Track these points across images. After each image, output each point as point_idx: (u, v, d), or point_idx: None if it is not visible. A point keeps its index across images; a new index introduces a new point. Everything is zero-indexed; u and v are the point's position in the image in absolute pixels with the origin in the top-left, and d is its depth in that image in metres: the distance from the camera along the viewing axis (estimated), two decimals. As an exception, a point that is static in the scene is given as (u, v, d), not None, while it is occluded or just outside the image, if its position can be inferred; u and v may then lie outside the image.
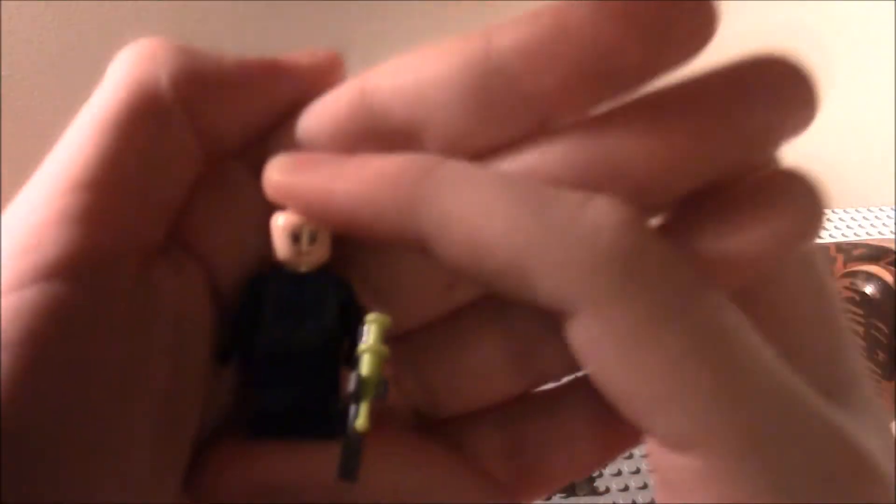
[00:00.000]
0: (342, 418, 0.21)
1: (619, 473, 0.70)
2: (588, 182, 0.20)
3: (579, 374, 0.25)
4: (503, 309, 0.24)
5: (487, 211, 0.20)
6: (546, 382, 0.25)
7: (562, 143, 0.21)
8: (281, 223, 0.22)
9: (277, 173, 0.22)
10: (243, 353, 0.23)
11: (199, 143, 0.22)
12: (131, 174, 0.20)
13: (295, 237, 0.22)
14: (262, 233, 0.23)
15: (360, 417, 0.21)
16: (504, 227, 0.20)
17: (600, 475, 0.70)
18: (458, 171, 0.21)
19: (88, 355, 0.19)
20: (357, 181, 0.21)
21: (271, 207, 0.22)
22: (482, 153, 0.22)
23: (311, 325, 0.23)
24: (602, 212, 0.20)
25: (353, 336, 0.23)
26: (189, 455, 0.22)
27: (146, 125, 0.21)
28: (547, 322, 0.23)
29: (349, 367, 0.23)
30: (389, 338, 0.22)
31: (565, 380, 0.25)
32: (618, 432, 0.25)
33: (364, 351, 0.21)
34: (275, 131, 0.23)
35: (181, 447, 0.21)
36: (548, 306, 0.20)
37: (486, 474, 0.25)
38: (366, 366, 0.21)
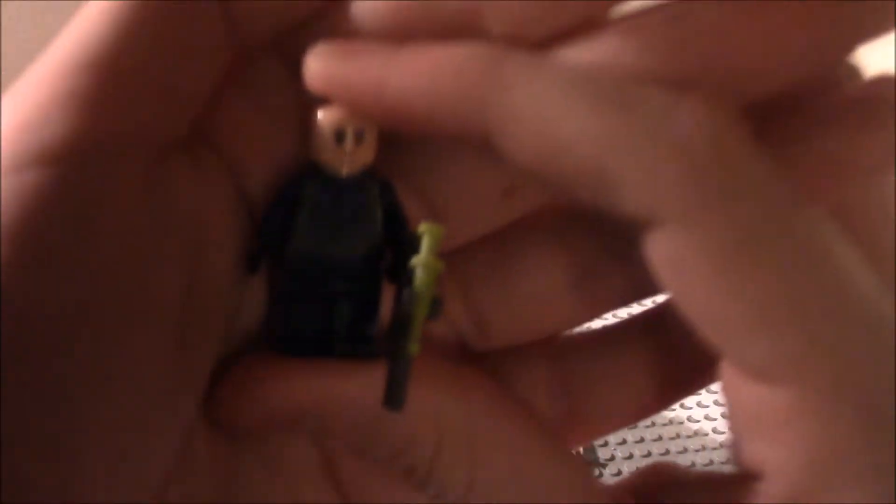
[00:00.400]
0: (388, 339, 0.19)
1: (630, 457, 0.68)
2: (671, 76, 0.18)
3: (642, 306, 0.23)
4: (565, 224, 0.22)
5: (565, 106, 0.17)
6: (608, 310, 0.22)
7: (639, 31, 0.18)
8: (325, 118, 0.20)
9: (321, 62, 0.19)
10: (273, 264, 0.21)
11: (229, 30, 0.19)
12: (148, 58, 0.18)
13: (339, 136, 0.19)
14: (298, 134, 0.20)
15: (412, 338, 0.18)
16: (585, 125, 0.17)
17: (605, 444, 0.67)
18: (530, 63, 0.18)
19: (93, 252, 0.17)
20: (415, 71, 0.18)
21: (309, 105, 0.20)
22: (545, 44, 0.19)
23: (352, 234, 0.20)
24: (695, 114, 0.17)
25: (399, 248, 0.20)
26: (209, 372, 0.20)
27: (169, 6, 0.18)
28: (614, 239, 0.21)
29: (393, 283, 0.20)
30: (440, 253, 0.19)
31: (623, 314, 0.23)
32: (680, 372, 0.22)
33: (417, 264, 0.18)
34: (314, 21, 0.20)
35: (201, 363, 0.20)
36: (629, 215, 0.18)
37: (532, 411, 0.22)
38: (419, 280, 0.18)
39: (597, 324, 0.23)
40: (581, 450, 0.59)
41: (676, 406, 0.61)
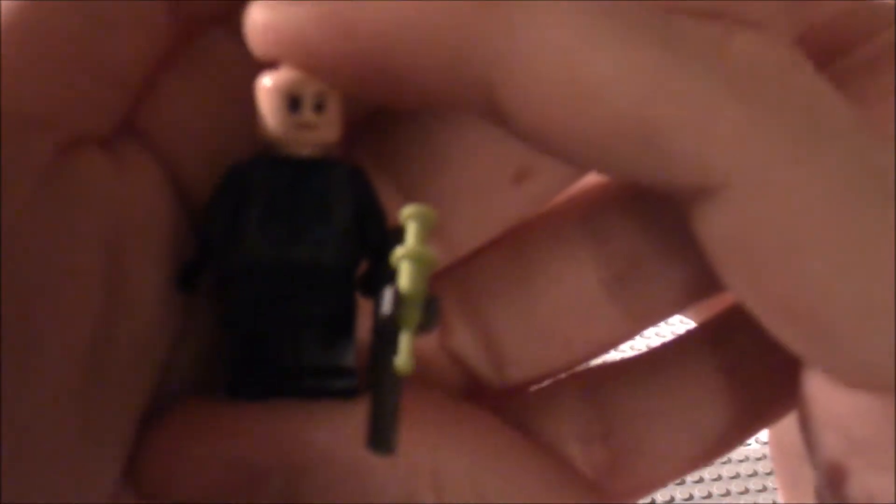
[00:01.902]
0: (371, 362, 0.14)
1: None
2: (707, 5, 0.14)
3: (695, 319, 0.18)
4: (595, 215, 0.17)
5: (592, 42, 0.13)
6: (653, 323, 0.18)
7: None
8: (273, 81, 0.15)
9: (267, 10, 0.15)
10: (218, 278, 0.16)
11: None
12: (59, 26, 0.14)
13: (293, 102, 0.15)
14: (245, 114, 0.16)
15: (402, 352, 0.13)
16: (620, 64, 0.13)
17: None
18: None
19: None
20: (392, 10, 0.14)
21: (257, 76, 0.15)
22: None
23: (315, 233, 0.15)
24: (755, 47, 0.14)
25: (375, 250, 0.15)
26: (134, 427, 0.15)
27: None
28: (658, 230, 0.16)
29: (370, 296, 0.15)
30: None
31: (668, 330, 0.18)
32: (753, 400, 0.17)
33: (403, 257, 0.14)
34: None
35: (123, 414, 0.15)
36: (681, 181, 0.14)
37: (565, 464, 0.17)
38: (406, 278, 0.14)
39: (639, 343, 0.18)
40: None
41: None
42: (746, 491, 0.54)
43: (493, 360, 0.18)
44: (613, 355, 0.18)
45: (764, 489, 0.54)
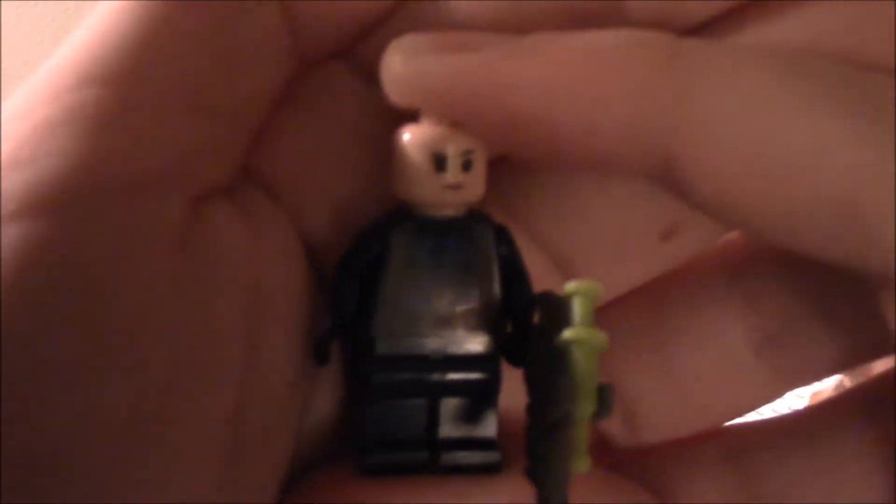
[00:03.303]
0: (534, 451, 0.13)
1: None
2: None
3: (854, 380, 0.17)
4: (744, 271, 0.16)
5: (786, 110, 0.12)
6: (802, 384, 0.16)
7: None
8: (416, 138, 0.14)
9: (410, 58, 0.13)
10: (351, 346, 0.15)
11: (291, 35, 0.14)
12: (184, 69, 0.13)
13: (438, 161, 0.14)
14: (368, 155, 0.15)
15: (578, 449, 0.12)
16: (820, 138, 0.12)
17: None
18: (718, 49, 0.13)
19: (107, 329, 0.11)
20: (557, 65, 0.13)
21: (391, 123, 0.14)
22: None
23: (461, 299, 0.14)
24: None
25: (520, 316, 0.14)
26: (273, 498, 0.14)
27: (215, 5, 0.13)
28: (814, 290, 0.15)
29: (517, 366, 0.14)
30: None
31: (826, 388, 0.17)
32: None
33: (574, 340, 0.12)
34: (392, 17, 0.15)
35: (260, 485, 0.14)
36: (881, 266, 0.12)
37: None
38: (578, 364, 0.12)
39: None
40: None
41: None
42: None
43: (627, 421, 0.17)
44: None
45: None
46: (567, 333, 0.13)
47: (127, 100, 0.13)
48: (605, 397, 0.12)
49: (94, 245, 0.12)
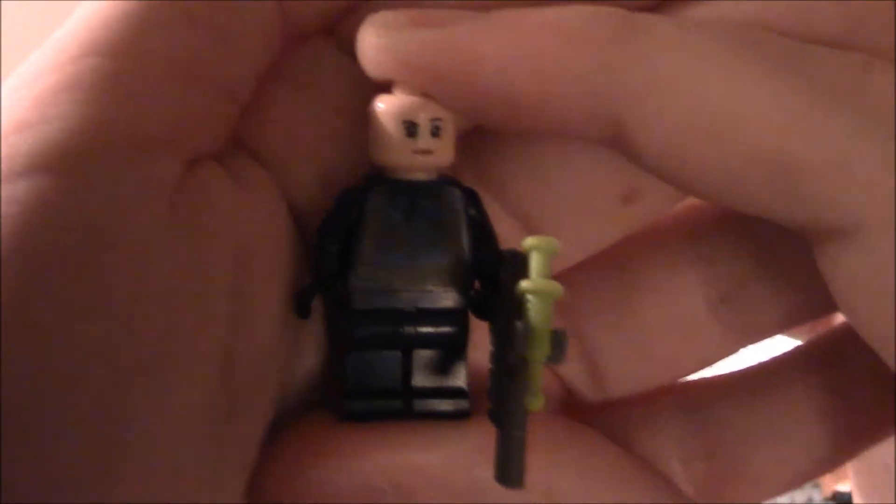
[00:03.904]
0: (495, 395, 0.14)
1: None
2: (834, 33, 0.14)
3: (801, 338, 0.18)
4: (701, 233, 0.17)
5: (730, 74, 0.13)
6: (757, 340, 0.17)
7: None
8: (389, 106, 0.15)
9: (384, 33, 0.14)
10: (331, 301, 0.16)
11: (281, 10, 0.15)
12: (181, 40, 0.14)
13: (409, 128, 0.15)
14: (352, 127, 0.16)
15: (530, 391, 0.13)
16: (759, 99, 0.13)
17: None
18: (669, 22, 0.14)
19: (109, 278, 0.13)
20: (521, 39, 0.14)
21: (371, 95, 0.15)
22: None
23: (431, 257, 0.15)
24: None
25: (489, 273, 0.15)
26: (258, 444, 0.15)
27: None
28: (766, 250, 0.17)
29: (484, 319, 0.15)
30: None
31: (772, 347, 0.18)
32: (858, 420, 0.17)
33: (528, 290, 0.14)
34: None
35: (248, 432, 0.15)
36: (817, 221, 0.13)
37: (669, 482, 0.17)
38: (534, 311, 0.13)
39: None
40: None
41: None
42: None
43: (592, 375, 0.18)
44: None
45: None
46: (523, 284, 0.14)
47: (125, 69, 0.13)
48: (558, 341, 0.14)
49: (95, 199, 0.13)
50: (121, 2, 0.14)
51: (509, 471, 0.14)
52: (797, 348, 0.18)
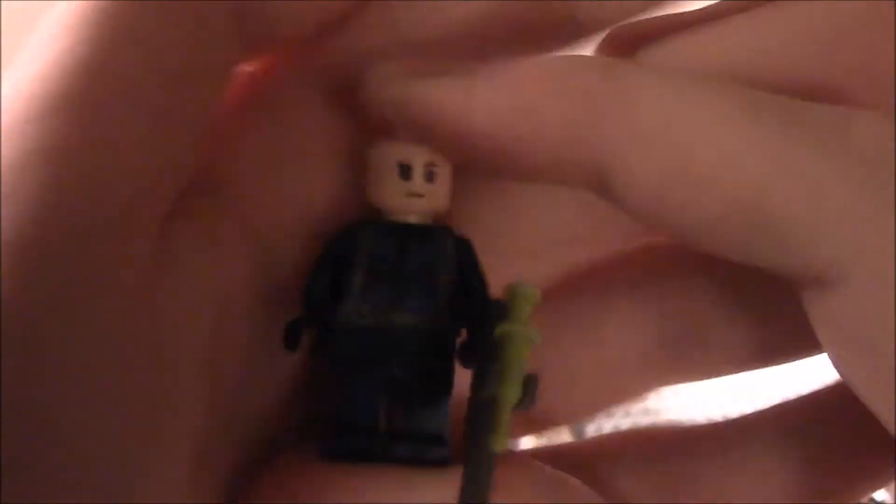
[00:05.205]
0: (467, 433, 0.14)
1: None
2: (814, 80, 0.15)
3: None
4: (649, 274, 0.18)
5: (711, 122, 0.14)
6: (700, 378, 0.18)
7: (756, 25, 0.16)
8: (385, 149, 0.16)
9: (391, 82, 0.15)
10: (316, 337, 0.16)
11: (241, 32, 0.15)
12: (135, 88, 0.13)
13: (404, 170, 0.15)
14: (338, 177, 0.16)
15: (497, 431, 0.13)
16: (738, 148, 0.13)
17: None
18: (651, 71, 0.14)
19: (84, 355, 0.12)
20: (508, 89, 0.14)
21: (358, 141, 0.16)
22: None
23: (419, 299, 0.16)
24: (877, 130, 0.14)
25: (477, 321, 0.16)
26: (237, 480, 0.16)
27: (163, 6, 0.13)
28: (715, 293, 0.17)
29: (469, 366, 0.15)
30: None
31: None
32: (830, 489, 0.17)
33: (507, 334, 0.14)
34: (353, 25, 0.16)
35: (221, 480, 0.15)
36: (793, 266, 0.14)
37: None
38: (509, 356, 0.14)
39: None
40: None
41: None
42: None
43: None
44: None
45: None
46: (500, 328, 0.14)
47: (79, 130, 0.12)
48: (530, 385, 0.14)
49: (65, 286, 0.12)
50: (74, 48, 0.13)
51: (471, 506, 0.14)
52: (769, 410, 0.18)
